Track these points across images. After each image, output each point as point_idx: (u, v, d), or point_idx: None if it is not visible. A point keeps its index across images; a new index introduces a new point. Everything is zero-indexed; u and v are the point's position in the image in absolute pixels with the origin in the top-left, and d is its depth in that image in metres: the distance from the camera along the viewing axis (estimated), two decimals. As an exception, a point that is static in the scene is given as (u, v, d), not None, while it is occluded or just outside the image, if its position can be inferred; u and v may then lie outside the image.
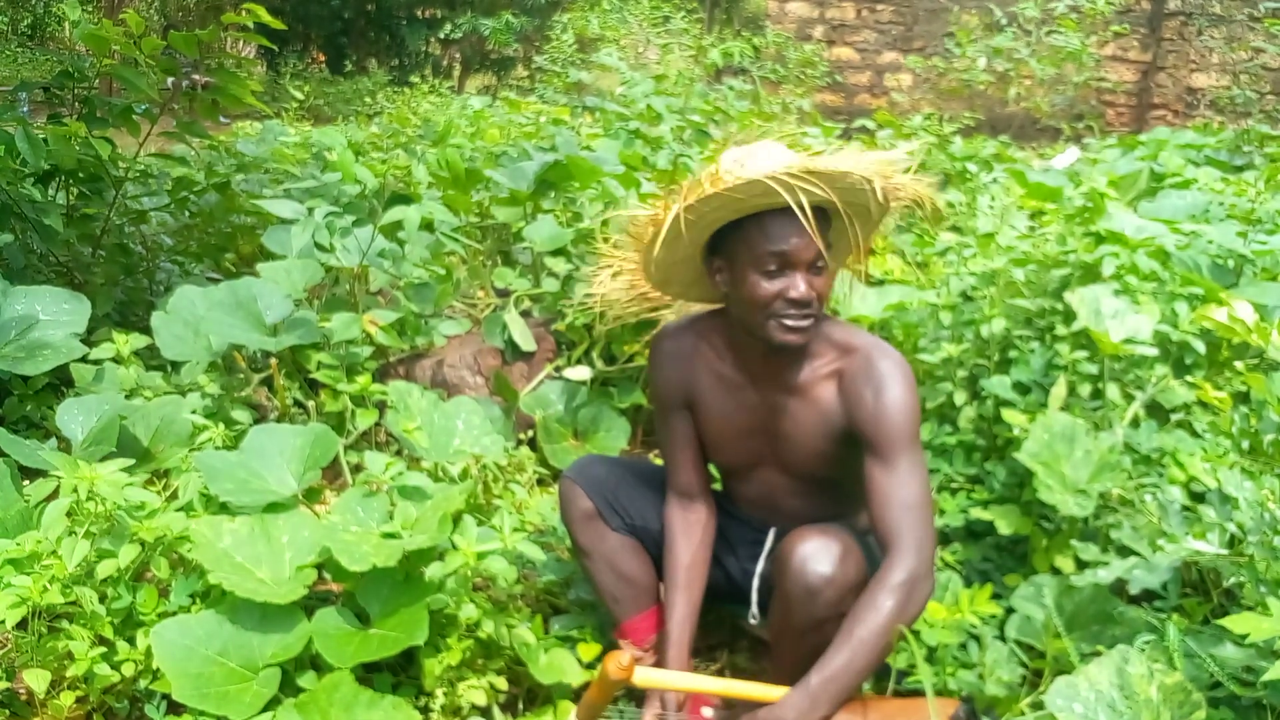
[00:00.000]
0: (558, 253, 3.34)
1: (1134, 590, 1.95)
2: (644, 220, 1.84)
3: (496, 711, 1.94)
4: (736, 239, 1.75)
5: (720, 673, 2.18)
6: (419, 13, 14.08)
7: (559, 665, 2.01)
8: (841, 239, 1.84)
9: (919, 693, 1.69)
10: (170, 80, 3.42)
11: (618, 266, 2.01)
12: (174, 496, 2.24)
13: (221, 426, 2.47)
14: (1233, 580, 1.83)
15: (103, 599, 1.92)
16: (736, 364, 1.91)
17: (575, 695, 1.98)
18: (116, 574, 1.92)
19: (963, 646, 1.99)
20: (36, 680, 1.80)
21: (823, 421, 1.83)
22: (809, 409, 1.84)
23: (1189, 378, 2.40)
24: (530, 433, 2.99)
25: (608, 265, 2.02)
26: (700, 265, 1.88)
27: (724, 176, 1.67)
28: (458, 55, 14.65)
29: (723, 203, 1.70)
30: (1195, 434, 2.33)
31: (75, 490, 1.91)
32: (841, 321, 1.88)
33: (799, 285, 1.71)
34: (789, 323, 1.73)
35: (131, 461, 2.12)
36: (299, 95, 8.16)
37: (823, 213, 1.73)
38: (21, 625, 1.82)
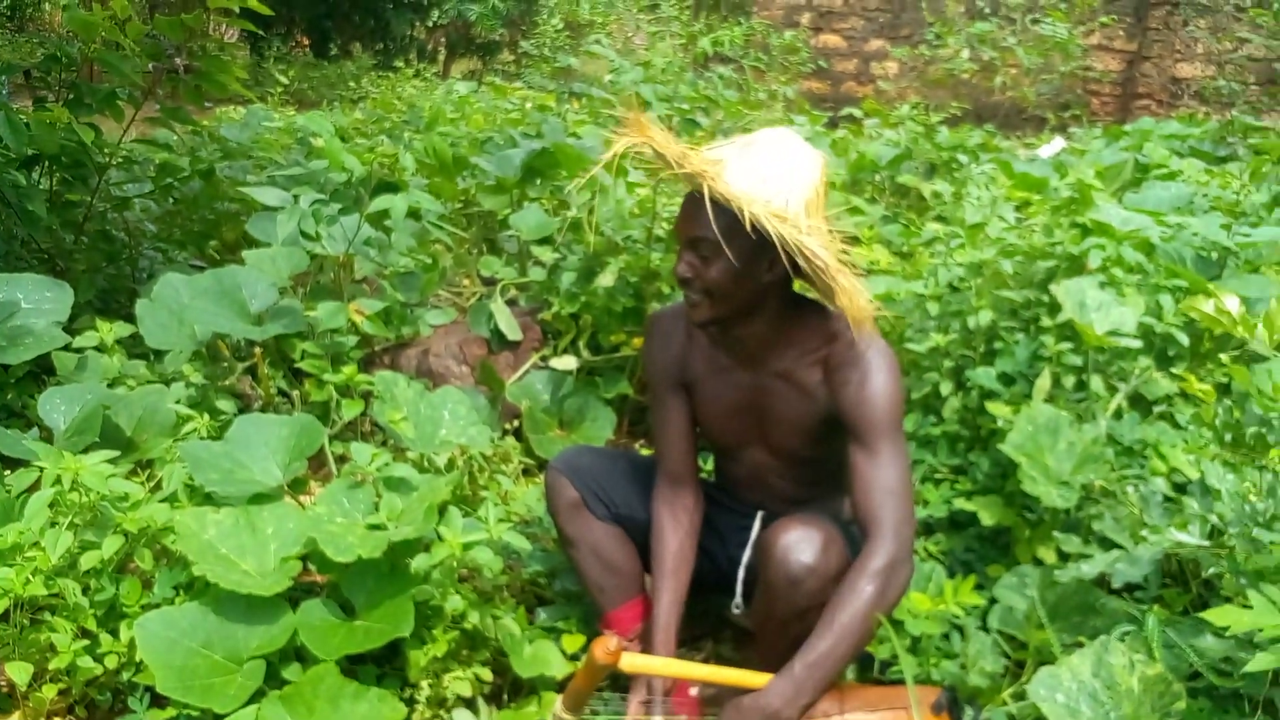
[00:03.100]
0: (544, 241, 3.33)
1: (1116, 584, 1.97)
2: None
3: (481, 703, 1.94)
4: None
5: (705, 662, 2.19)
6: (404, -4, 13.95)
7: (543, 657, 2.01)
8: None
9: (901, 682, 1.70)
10: (153, 65, 3.39)
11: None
12: (158, 487, 2.23)
13: (206, 416, 2.47)
14: (1211, 571, 1.84)
15: (86, 591, 1.92)
16: (727, 346, 1.93)
17: (560, 686, 1.99)
18: (100, 565, 1.91)
19: (945, 637, 2.01)
20: (18, 673, 1.80)
21: (808, 405, 1.86)
22: (795, 392, 1.87)
23: (1172, 369, 2.42)
24: (516, 422, 2.99)
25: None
26: None
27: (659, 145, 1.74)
28: (443, 40, 14.56)
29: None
30: (1178, 425, 2.35)
31: (58, 481, 1.90)
32: (833, 312, 1.87)
33: (678, 261, 1.80)
34: (687, 300, 1.83)
35: (115, 452, 2.10)
36: (283, 80, 8.08)
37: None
38: (3, 617, 1.82)
